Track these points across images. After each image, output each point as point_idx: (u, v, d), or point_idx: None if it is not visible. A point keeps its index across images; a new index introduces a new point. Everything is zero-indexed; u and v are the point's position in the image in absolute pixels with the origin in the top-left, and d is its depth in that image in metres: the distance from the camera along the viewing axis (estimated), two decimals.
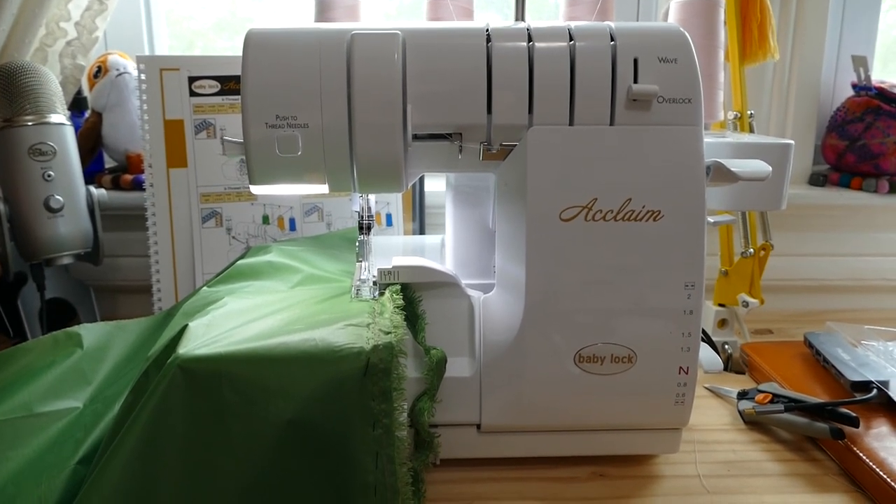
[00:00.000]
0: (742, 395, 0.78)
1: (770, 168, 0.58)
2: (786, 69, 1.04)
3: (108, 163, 1.09)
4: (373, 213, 0.62)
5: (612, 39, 0.58)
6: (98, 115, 1.00)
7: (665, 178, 0.58)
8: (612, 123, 0.58)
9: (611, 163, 0.58)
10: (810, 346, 0.85)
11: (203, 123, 0.91)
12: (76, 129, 0.91)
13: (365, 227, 0.63)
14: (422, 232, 0.99)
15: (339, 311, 0.57)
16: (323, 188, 0.59)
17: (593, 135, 0.58)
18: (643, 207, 0.58)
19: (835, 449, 0.68)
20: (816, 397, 0.74)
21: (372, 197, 0.63)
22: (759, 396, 0.75)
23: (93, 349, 0.70)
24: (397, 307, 0.58)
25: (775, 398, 0.74)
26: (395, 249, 0.79)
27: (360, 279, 0.64)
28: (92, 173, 1.03)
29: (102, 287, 1.03)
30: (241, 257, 0.77)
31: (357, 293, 0.61)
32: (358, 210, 0.64)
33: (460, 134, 0.58)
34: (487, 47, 0.57)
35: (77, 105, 1.03)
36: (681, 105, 0.58)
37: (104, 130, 1.01)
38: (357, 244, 0.66)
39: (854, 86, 1.05)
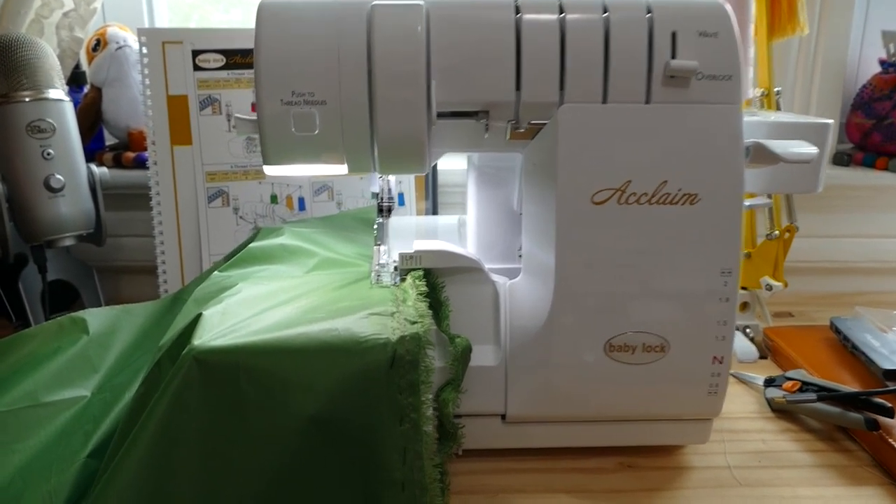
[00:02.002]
0: (769, 383, 0.75)
1: (816, 149, 0.55)
2: (812, 44, 1.01)
3: (109, 140, 1.05)
4: (393, 194, 0.59)
5: (649, 11, 0.54)
6: (98, 91, 0.97)
7: (703, 160, 0.55)
8: (647, 101, 0.55)
9: (646, 143, 0.55)
10: (837, 331, 0.83)
11: (208, 99, 0.87)
12: (75, 105, 0.88)
13: (385, 210, 0.60)
14: (434, 212, 0.96)
15: (359, 299, 0.54)
16: (341, 169, 0.56)
17: (628, 113, 0.55)
18: (679, 190, 0.55)
19: (868, 440, 0.66)
20: (846, 385, 0.71)
21: (392, 178, 0.60)
22: (788, 384, 0.73)
23: (99, 335, 0.67)
24: (420, 294, 0.56)
25: (804, 386, 0.72)
26: (409, 231, 0.77)
27: (379, 263, 0.61)
28: (92, 151, 1.00)
29: (106, 268, 1.00)
30: (251, 239, 0.74)
31: (377, 279, 0.59)
32: (377, 192, 0.61)
33: (487, 112, 0.55)
34: (516, 19, 0.54)
35: (75, 80, 1.00)
36: (721, 82, 0.54)
37: (104, 106, 0.97)
38: (375, 227, 0.63)
39: (882, 62, 1.01)
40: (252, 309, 0.53)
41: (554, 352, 0.58)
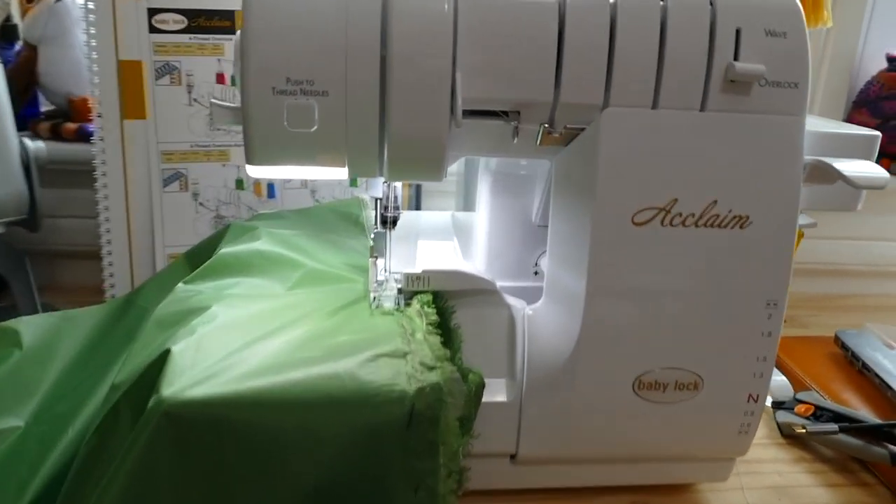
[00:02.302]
0: (778, 406, 0.71)
1: (887, 175, 0.48)
2: (821, 37, 0.95)
3: (45, 106, 0.92)
4: (399, 202, 0.51)
5: (711, 3, 0.46)
6: (33, 49, 0.83)
7: (758, 178, 0.48)
8: (702, 108, 0.47)
9: (697, 157, 0.48)
10: (844, 347, 0.79)
11: (166, 67, 0.75)
12: (5, 65, 0.75)
13: (389, 221, 0.51)
14: (418, 201, 0.88)
15: (361, 331, 0.46)
16: (340, 173, 0.47)
17: (680, 121, 0.47)
18: (729, 212, 0.48)
19: (889, 474, 0.62)
20: (859, 410, 0.68)
21: (398, 184, 0.51)
22: (800, 408, 0.69)
23: (35, 349, 0.57)
24: (431, 324, 0.47)
25: (818, 411, 0.68)
26: (398, 231, 0.68)
27: (377, 281, 0.52)
28: (25, 118, 0.86)
29: (39, 252, 0.87)
30: (220, 236, 0.64)
31: (377, 302, 0.50)
32: (379, 198, 0.52)
33: (518, 112, 0.47)
34: (560, 6, 0.45)
35: (6, 35, 0.86)
36: (785, 90, 0.47)
37: (41, 68, 0.84)
38: (372, 237, 0.54)
39: (891, 59, 0.97)
40: (232, 342, 0.44)
41: (577, 388, 0.51)
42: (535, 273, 0.57)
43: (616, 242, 0.48)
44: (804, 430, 0.65)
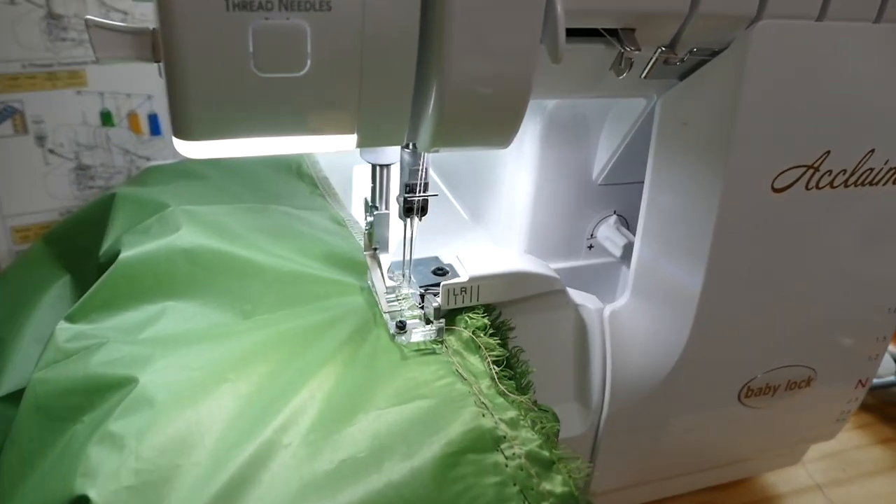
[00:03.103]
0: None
1: None
2: None
3: None
4: (429, 177, 0.32)
5: None
6: None
7: None
8: (878, 19, 0.32)
9: (862, 88, 0.33)
10: None
11: None
12: None
13: (418, 207, 0.32)
14: None
15: (402, 392, 0.29)
16: (344, 142, 0.28)
17: (849, 37, 0.32)
18: (886, 163, 0.35)
19: None
20: None
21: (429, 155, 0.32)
22: None
23: None
24: (496, 362, 0.31)
25: None
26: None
27: (393, 295, 0.34)
28: None
29: None
30: (102, 215, 0.42)
31: (401, 335, 0.32)
32: (384, 165, 0.33)
33: (632, 30, 0.29)
34: None
35: None
36: None
37: None
38: (367, 224, 0.35)
39: None
40: (193, 469, 0.25)
41: (676, 409, 0.38)
42: (590, 248, 0.41)
43: (749, 216, 0.34)
44: None
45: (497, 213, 0.42)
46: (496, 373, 0.31)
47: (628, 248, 0.40)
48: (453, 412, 0.28)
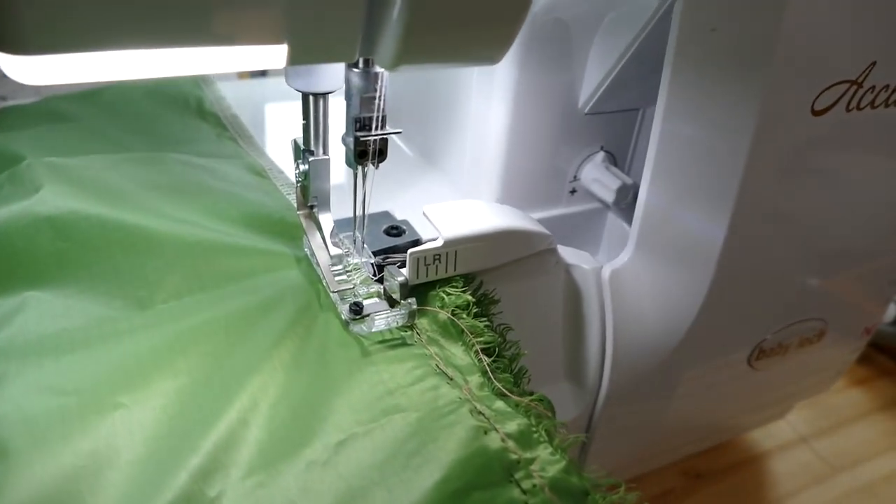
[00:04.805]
0: None
1: None
2: None
3: None
4: (386, 106, 0.23)
5: None
6: None
7: None
8: None
9: None
10: None
11: None
12: None
13: (374, 148, 0.23)
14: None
15: (374, 424, 0.21)
16: (270, 57, 0.19)
17: None
18: None
19: None
20: None
21: (386, 75, 0.23)
22: None
23: None
24: (485, 350, 0.24)
25: None
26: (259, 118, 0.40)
27: (340, 266, 0.26)
28: None
29: None
30: None
31: (356, 318, 0.24)
32: (321, 94, 0.24)
33: None
34: None
35: None
36: None
37: None
38: (300, 175, 0.27)
39: None
40: None
41: (683, 379, 0.32)
42: (572, 192, 0.34)
43: (785, 146, 0.27)
44: None
45: (459, 154, 0.34)
46: (489, 365, 0.23)
47: (622, 192, 0.33)
48: (444, 429, 0.21)
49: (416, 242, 0.30)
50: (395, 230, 0.30)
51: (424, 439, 0.20)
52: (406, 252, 0.29)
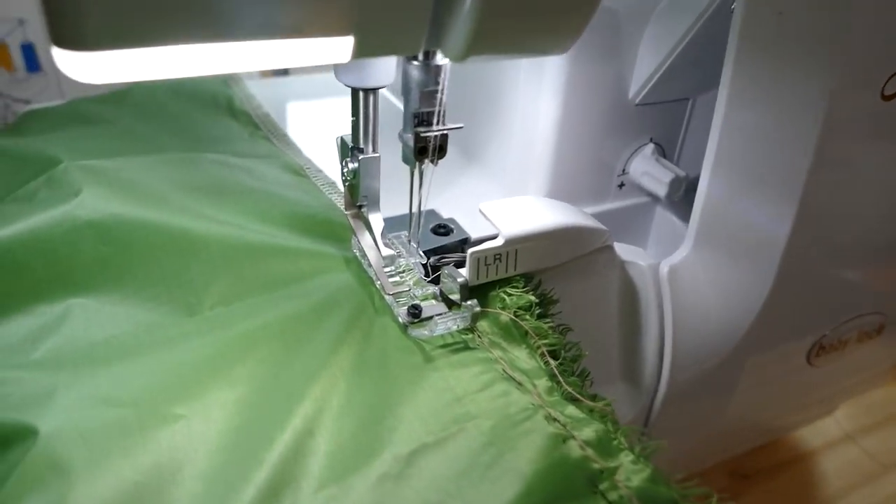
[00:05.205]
0: None
1: None
2: None
3: None
4: (446, 102, 0.22)
5: None
6: None
7: None
8: None
9: None
10: None
11: None
12: None
13: (435, 144, 0.22)
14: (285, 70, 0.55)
15: (445, 434, 0.20)
16: (334, 50, 0.18)
17: None
18: None
19: None
20: None
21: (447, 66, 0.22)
22: None
23: None
24: (551, 352, 0.23)
25: None
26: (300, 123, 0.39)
27: (391, 267, 0.25)
28: None
29: None
30: None
31: (414, 321, 0.23)
32: (370, 89, 0.23)
33: None
34: None
35: None
36: None
37: None
38: (348, 174, 0.26)
39: None
40: None
41: (740, 379, 0.31)
42: (621, 186, 0.33)
43: (854, 132, 0.26)
44: None
45: (502, 149, 0.32)
46: (556, 368, 0.22)
47: (675, 185, 0.31)
48: (520, 438, 0.20)
49: (465, 241, 0.29)
50: (443, 229, 0.29)
51: (501, 449, 0.19)
52: (456, 251, 0.29)
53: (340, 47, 0.18)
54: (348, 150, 0.26)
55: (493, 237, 0.24)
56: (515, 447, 0.19)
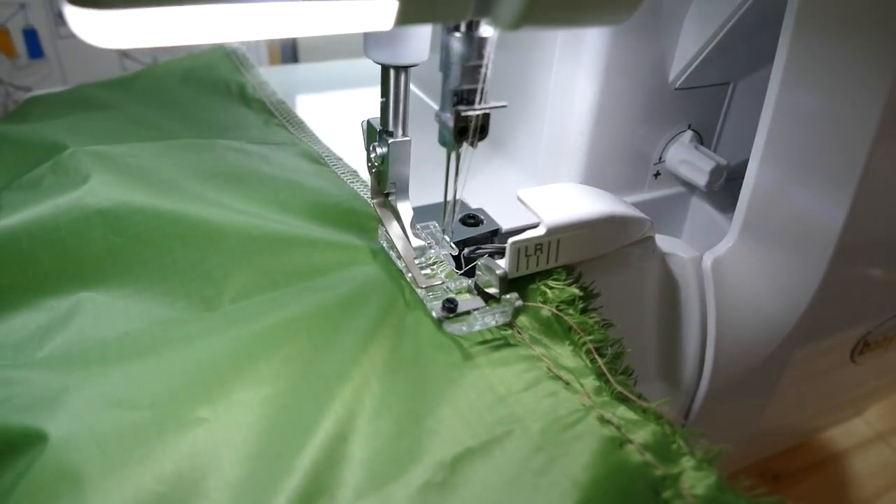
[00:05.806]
0: None
1: None
2: None
3: None
4: (489, 75, 0.20)
5: None
6: None
7: None
8: None
9: None
10: None
11: None
12: None
13: (475, 128, 0.21)
14: (295, 57, 0.54)
15: (490, 437, 0.18)
16: (375, 16, 0.16)
17: None
18: None
19: None
20: None
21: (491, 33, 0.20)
22: None
23: None
24: (598, 349, 0.21)
25: None
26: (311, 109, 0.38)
27: (422, 259, 0.24)
28: None
29: None
30: None
31: (450, 316, 0.21)
32: (402, 68, 0.21)
33: None
34: None
35: None
36: None
37: None
38: (375, 159, 0.24)
39: None
40: None
41: (784, 378, 0.29)
42: (656, 175, 0.31)
43: None
44: None
45: (532, 134, 0.31)
46: (604, 366, 0.21)
47: (716, 174, 0.30)
48: (573, 442, 0.18)
49: (495, 232, 0.28)
50: (472, 219, 0.28)
51: (553, 454, 0.18)
52: (486, 243, 0.27)
53: (383, 12, 0.16)
54: (375, 133, 0.24)
55: (530, 227, 0.23)
56: (568, 452, 0.18)
